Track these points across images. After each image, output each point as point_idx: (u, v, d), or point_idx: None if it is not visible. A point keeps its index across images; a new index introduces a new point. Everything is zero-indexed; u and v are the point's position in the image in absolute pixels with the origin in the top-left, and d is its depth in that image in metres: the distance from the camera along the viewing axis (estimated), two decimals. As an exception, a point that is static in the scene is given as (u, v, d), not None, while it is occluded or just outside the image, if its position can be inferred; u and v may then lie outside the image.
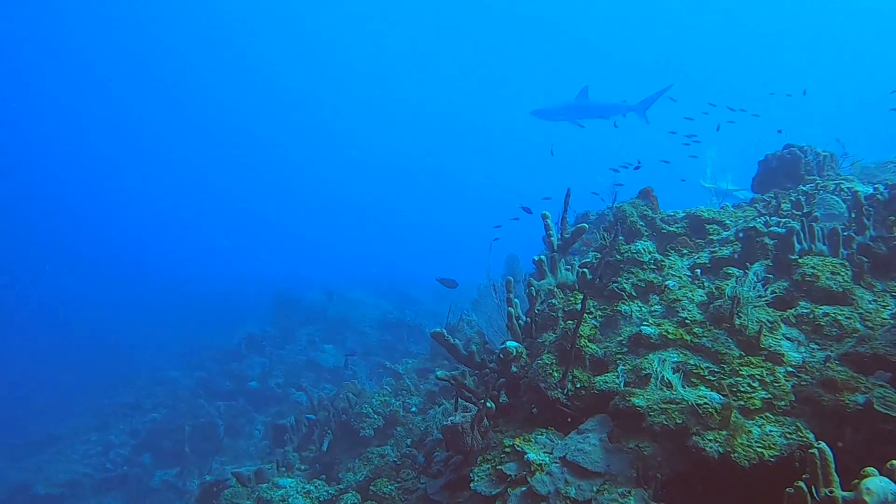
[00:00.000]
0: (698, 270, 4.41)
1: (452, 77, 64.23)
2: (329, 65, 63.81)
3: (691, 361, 3.52)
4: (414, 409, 8.53)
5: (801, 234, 4.18)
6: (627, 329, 4.04)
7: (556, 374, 3.84)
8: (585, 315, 4.06)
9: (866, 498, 1.91)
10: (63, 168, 58.85)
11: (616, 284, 4.32)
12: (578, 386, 3.78)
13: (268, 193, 66.66)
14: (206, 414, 14.71)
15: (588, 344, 3.96)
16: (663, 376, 3.30)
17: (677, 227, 5.24)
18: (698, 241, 5.03)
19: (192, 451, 13.77)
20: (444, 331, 4.81)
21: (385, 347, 17.71)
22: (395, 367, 10.44)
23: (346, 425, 7.97)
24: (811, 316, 3.66)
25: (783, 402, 3.14)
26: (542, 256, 4.59)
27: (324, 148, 67.50)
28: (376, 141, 66.20)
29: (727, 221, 5.19)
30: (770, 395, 3.19)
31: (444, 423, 3.80)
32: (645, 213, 5.41)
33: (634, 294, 4.29)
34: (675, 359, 3.57)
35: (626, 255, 4.50)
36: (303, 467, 7.21)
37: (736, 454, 2.88)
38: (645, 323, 3.96)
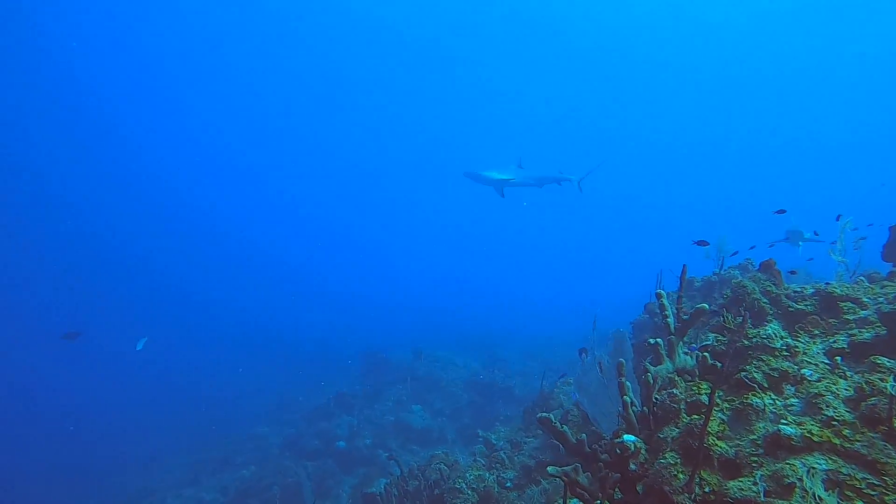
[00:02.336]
0: (839, 358, 3.95)
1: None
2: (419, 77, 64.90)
3: (843, 471, 3.08)
4: (509, 483, 8.14)
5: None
6: (761, 426, 3.62)
7: (681, 476, 3.46)
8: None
9: None
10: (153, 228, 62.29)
11: (745, 374, 3.92)
12: (707, 490, 3.39)
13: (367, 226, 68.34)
14: (294, 474, 14.67)
15: (717, 442, 3.57)
16: (814, 493, 2.88)
17: (806, 305, 4.78)
18: (831, 321, 4.56)
19: (280, 514, 13.71)
20: (550, 416, 4.49)
21: (474, 409, 17.37)
22: (488, 435, 10.07)
23: (439, 500, 7.65)
24: None
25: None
26: (659, 339, 4.24)
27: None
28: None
29: (864, 299, 4.69)
30: (948, 520, 2.73)
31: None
32: (768, 288, 4.98)
33: (766, 384, 3.87)
34: (824, 466, 3.14)
35: (754, 339, 4.10)
36: (395, 546, 6.92)
37: None
38: (783, 421, 3.54)
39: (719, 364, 4.14)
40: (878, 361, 3.76)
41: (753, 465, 3.39)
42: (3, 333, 34.42)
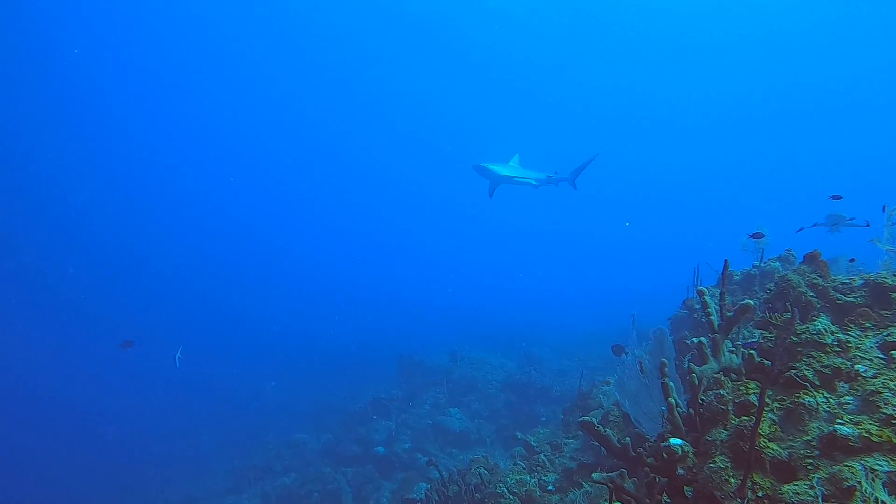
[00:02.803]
0: (895, 352, 3.78)
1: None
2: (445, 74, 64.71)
3: (907, 472, 2.93)
4: (551, 487, 8.01)
5: None
6: (815, 426, 3.47)
7: (732, 481, 3.33)
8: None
9: None
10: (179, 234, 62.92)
11: (795, 371, 3.77)
12: (761, 495, 3.25)
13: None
14: (333, 480, 14.71)
15: (768, 444, 3.43)
16: (876, 497, 2.74)
17: (855, 297, 4.59)
18: (884, 312, 4.37)
19: (321, 521, 13.77)
20: (593, 420, 4.40)
21: (512, 410, 17.26)
22: (528, 438, 9.93)
23: (480, 506, 7.56)
24: None
25: None
26: (703, 338, 4.10)
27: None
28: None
29: (918, 289, 4.50)
30: None
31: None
32: (814, 281, 4.80)
33: (818, 382, 3.72)
34: (886, 468, 2.99)
35: (803, 335, 3.94)
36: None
37: None
38: (838, 420, 3.39)
39: (767, 362, 3.99)
40: (938, 355, 3.59)
41: (809, 467, 3.24)
42: (44, 344, 35.05)
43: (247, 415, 23.47)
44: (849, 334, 4.13)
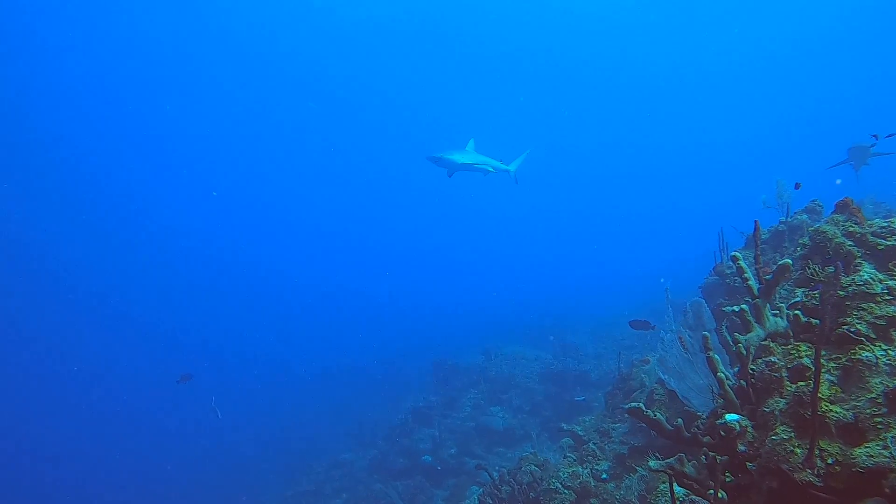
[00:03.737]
0: (949, 293, 3.57)
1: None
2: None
3: None
4: (605, 475, 7.84)
5: None
6: (878, 382, 3.27)
7: (798, 452, 3.14)
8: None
9: None
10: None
11: (847, 327, 3.57)
12: (831, 462, 3.06)
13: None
14: (385, 496, 14.60)
15: (831, 407, 3.24)
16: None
17: (896, 241, 4.38)
18: (929, 253, 4.16)
19: (379, 539, 13.66)
20: (641, 406, 4.21)
21: (553, 400, 17.05)
22: (574, 427, 9.75)
23: (536, 503, 7.40)
24: None
25: None
26: (744, 305, 3.91)
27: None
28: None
29: (960, 222, 4.28)
30: None
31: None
32: (850, 229, 4.59)
33: (874, 335, 3.52)
34: (962, 417, 2.79)
35: (850, 288, 3.74)
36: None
37: None
38: (902, 372, 3.19)
39: (816, 321, 3.80)
40: None
41: (879, 426, 3.05)
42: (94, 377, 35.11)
43: (291, 441, 23.43)
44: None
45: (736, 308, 3.97)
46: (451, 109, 64.20)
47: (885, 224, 4.56)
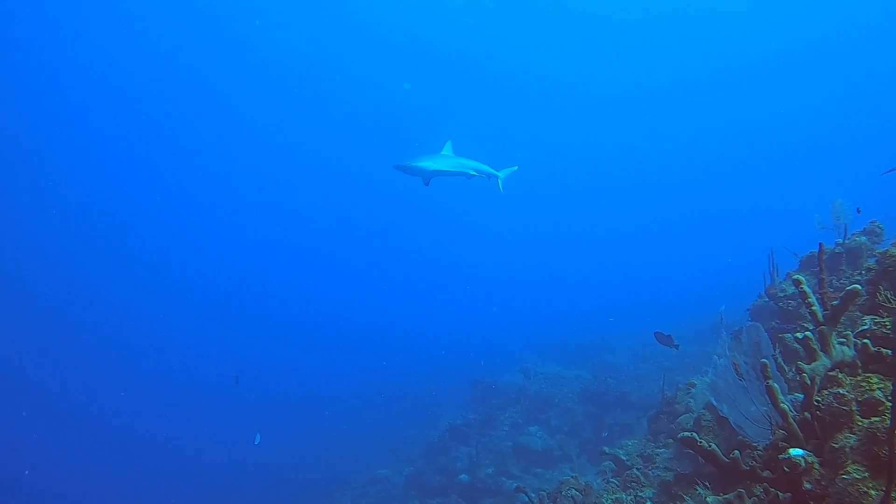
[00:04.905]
0: None
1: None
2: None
3: None
4: (649, 503, 7.58)
5: None
6: (959, 419, 3.04)
7: (873, 493, 2.93)
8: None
9: None
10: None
11: (923, 358, 3.35)
12: (909, 505, 2.84)
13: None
14: (422, 515, 14.44)
15: (908, 445, 3.01)
16: None
17: (971, 266, 4.12)
18: None
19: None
20: (694, 436, 4.02)
21: (593, 421, 16.74)
22: (616, 451, 9.48)
23: (578, 531, 7.17)
24: None
25: None
26: (808, 332, 3.71)
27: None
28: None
29: None
30: None
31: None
32: (921, 253, 4.35)
33: (953, 367, 3.29)
34: None
35: (925, 316, 3.52)
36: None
37: None
38: None
39: (887, 351, 3.57)
40: None
41: (962, 468, 2.82)
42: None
43: (327, 457, 23.33)
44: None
45: (799, 335, 3.77)
46: (457, 114, 62.84)
47: (960, 248, 4.31)
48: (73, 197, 57.11)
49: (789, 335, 5.88)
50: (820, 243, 4.02)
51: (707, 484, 6.17)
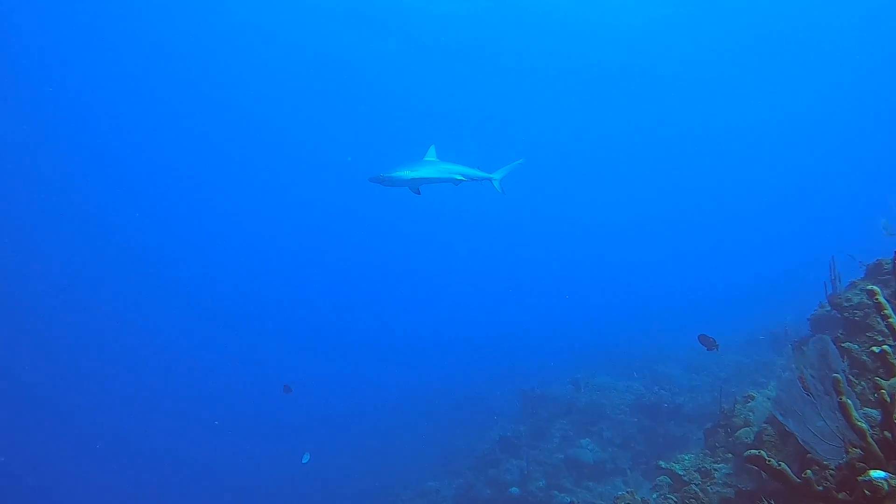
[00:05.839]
0: None
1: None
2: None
3: None
4: (711, 521, 7.35)
5: None
6: None
7: (963, 518, 2.76)
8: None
9: None
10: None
11: None
12: None
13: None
14: (475, 529, 14.33)
15: None
16: None
17: None
18: None
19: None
20: (763, 454, 3.86)
21: (645, 434, 16.45)
22: (672, 466, 9.24)
23: (636, 549, 6.99)
24: None
25: None
26: (886, 346, 3.53)
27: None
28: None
29: None
30: None
31: None
32: None
33: None
34: None
35: None
36: None
37: None
38: None
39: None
40: None
41: None
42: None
43: (377, 468, 23.33)
44: None
45: (875, 349, 3.59)
46: (457, 115, 61.16)
47: None
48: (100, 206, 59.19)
49: (856, 347, 5.65)
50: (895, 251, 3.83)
51: (771, 502, 5.96)
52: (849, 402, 3.67)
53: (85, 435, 30.46)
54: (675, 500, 7.96)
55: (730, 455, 8.85)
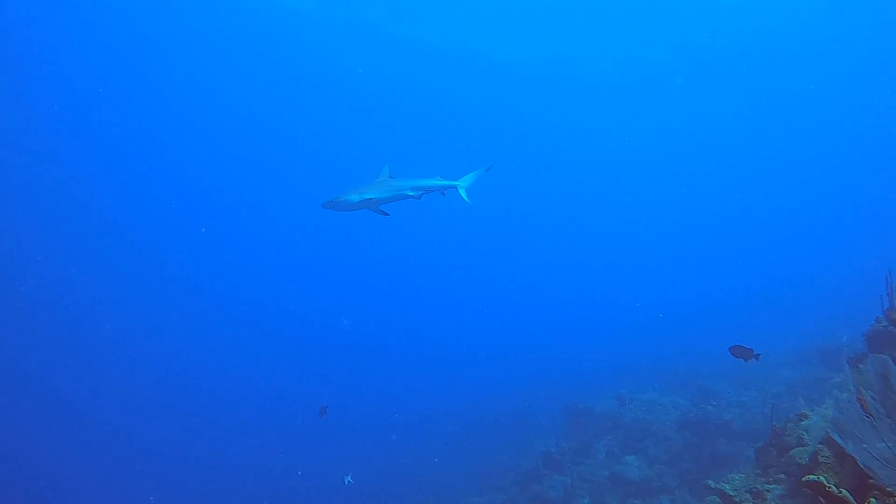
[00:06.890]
0: None
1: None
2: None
3: None
4: (762, 544, 7.16)
5: None
6: None
7: None
8: None
9: None
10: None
11: None
12: None
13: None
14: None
15: None
16: None
17: None
18: None
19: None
20: (822, 479, 3.74)
21: (692, 451, 16.15)
22: (722, 486, 9.03)
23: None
24: None
25: None
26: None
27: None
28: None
29: None
30: None
31: None
32: None
33: None
34: None
35: None
36: None
37: None
38: None
39: None
40: None
41: None
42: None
43: (415, 481, 23.25)
44: None
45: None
46: (460, 115, 60.24)
47: None
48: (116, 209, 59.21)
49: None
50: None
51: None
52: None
53: (101, 438, 31.22)
54: (726, 520, 7.78)
55: (782, 475, 8.62)
